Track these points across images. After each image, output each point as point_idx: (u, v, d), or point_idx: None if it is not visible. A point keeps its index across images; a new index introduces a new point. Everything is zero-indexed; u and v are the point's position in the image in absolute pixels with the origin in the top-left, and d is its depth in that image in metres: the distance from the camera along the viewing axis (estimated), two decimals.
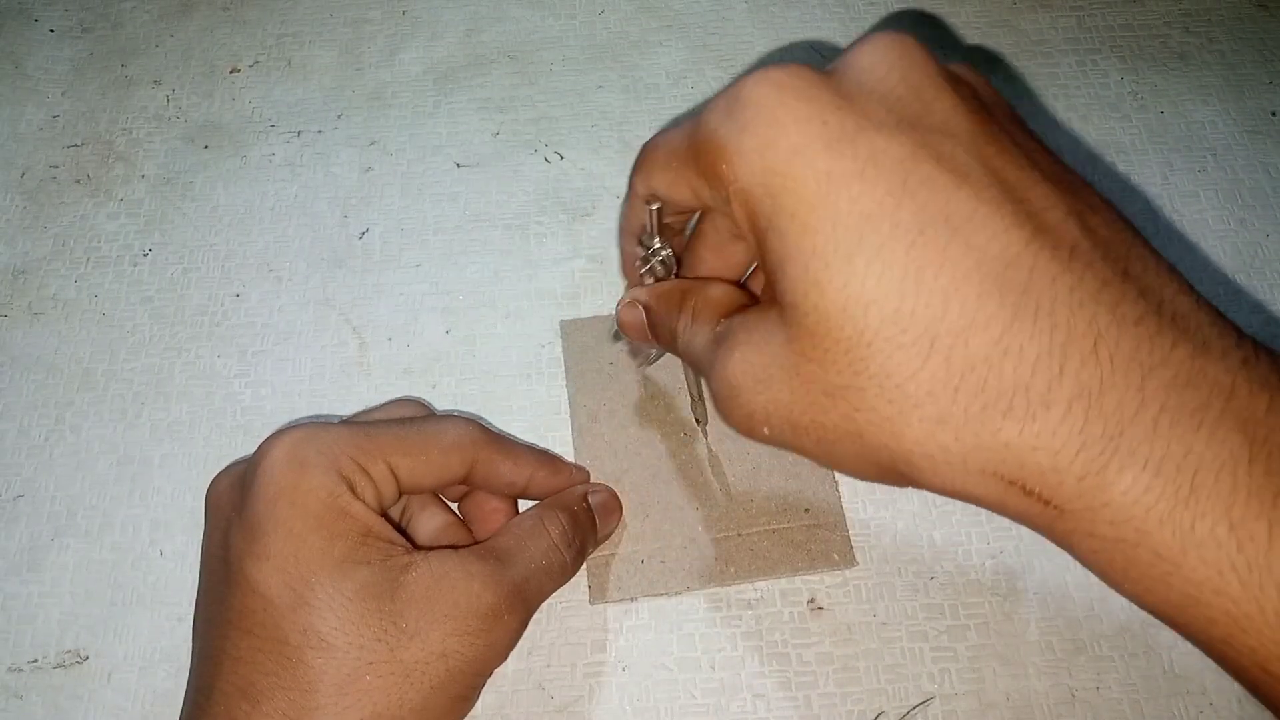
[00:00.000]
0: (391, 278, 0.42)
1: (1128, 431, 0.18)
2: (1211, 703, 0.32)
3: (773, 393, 0.22)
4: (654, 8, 0.50)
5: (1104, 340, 0.19)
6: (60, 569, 0.36)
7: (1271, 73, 0.46)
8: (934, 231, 0.20)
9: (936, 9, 0.49)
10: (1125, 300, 0.19)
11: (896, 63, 0.22)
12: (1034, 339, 0.19)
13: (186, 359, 0.40)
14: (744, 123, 0.21)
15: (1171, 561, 0.18)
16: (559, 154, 0.45)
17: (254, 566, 0.26)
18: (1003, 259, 0.19)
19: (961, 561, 0.35)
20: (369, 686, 0.26)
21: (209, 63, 0.49)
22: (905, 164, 0.20)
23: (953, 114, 0.21)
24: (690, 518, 0.35)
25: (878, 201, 0.20)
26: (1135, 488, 0.18)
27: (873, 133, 0.21)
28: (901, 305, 0.19)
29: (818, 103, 0.21)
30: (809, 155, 0.21)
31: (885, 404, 0.20)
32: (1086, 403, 0.19)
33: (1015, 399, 0.19)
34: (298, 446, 0.28)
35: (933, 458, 0.20)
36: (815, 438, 0.22)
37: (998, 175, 0.21)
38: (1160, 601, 0.19)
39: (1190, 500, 0.18)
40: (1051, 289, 0.19)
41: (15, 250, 0.43)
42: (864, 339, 0.20)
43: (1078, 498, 0.19)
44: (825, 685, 0.33)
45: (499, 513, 0.33)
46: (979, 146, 0.21)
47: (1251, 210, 0.42)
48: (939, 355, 0.19)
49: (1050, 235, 0.20)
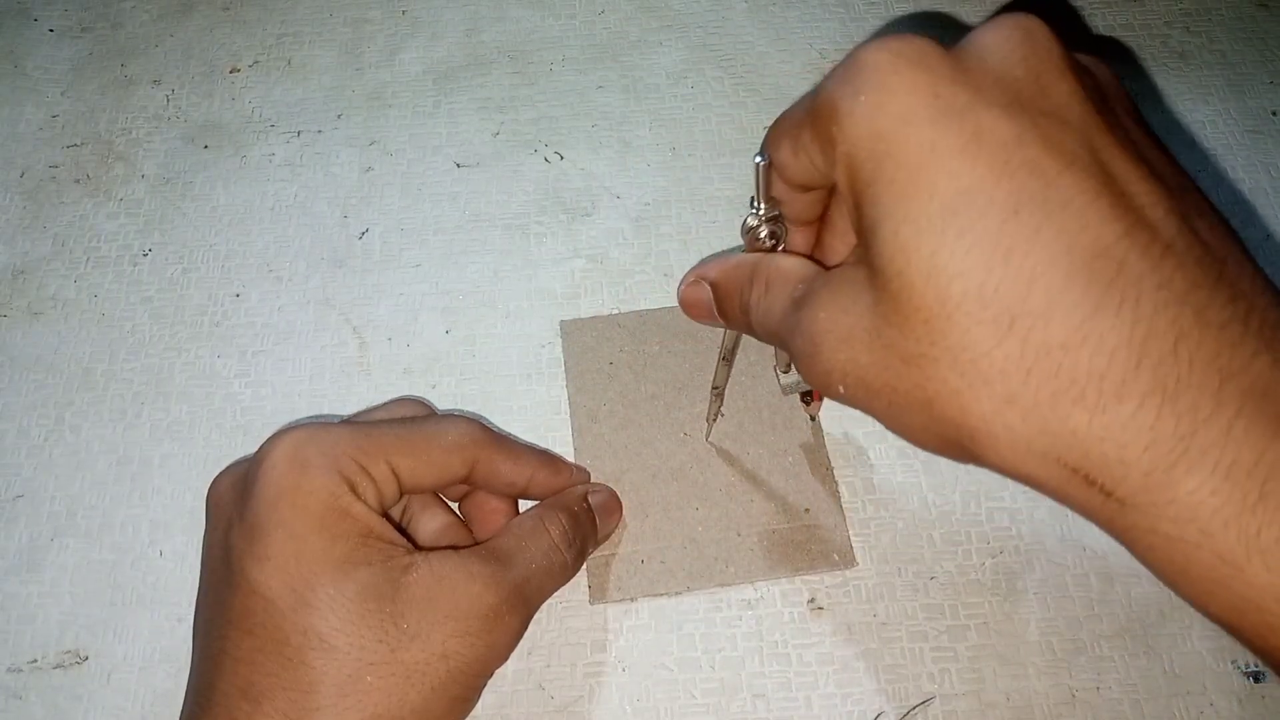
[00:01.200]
0: (391, 278, 0.42)
1: (1200, 433, 0.18)
2: (1212, 703, 0.32)
3: (852, 352, 0.22)
4: (654, 8, 0.50)
5: (1185, 340, 0.19)
6: (60, 569, 0.36)
7: (1272, 72, 0.46)
8: (1029, 213, 0.20)
9: (936, 9, 0.49)
10: (1213, 305, 0.19)
11: (1020, 45, 0.22)
12: (1114, 330, 0.19)
13: (186, 359, 0.40)
14: (858, 86, 0.21)
15: (1233, 566, 0.18)
16: (559, 154, 0.45)
17: (255, 567, 0.26)
18: (1094, 249, 0.19)
19: (961, 561, 0.35)
20: (370, 687, 0.26)
21: (209, 63, 0.49)
22: (1010, 145, 0.20)
23: (1069, 100, 0.21)
24: (690, 518, 0.35)
25: (978, 178, 0.20)
26: (1202, 489, 0.18)
27: (983, 110, 0.21)
28: (986, 281, 0.19)
29: (933, 74, 0.21)
30: (916, 124, 0.21)
31: (957, 377, 0.20)
32: (1160, 399, 0.18)
33: (1088, 388, 0.19)
34: (299, 447, 0.28)
35: (997, 436, 0.20)
36: (886, 401, 0.22)
37: (1104, 166, 0.21)
38: (1219, 605, 0.19)
39: (1258, 507, 0.18)
40: (1138, 284, 0.19)
41: (15, 250, 0.43)
42: (944, 310, 0.20)
43: (1142, 493, 0.19)
44: (825, 685, 0.33)
45: (499, 513, 0.33)
46: (1090, 135, 0.21)
47: (1251, 210, 0.42)
48: (1016, 335, 0.19)
49: (1147, 231, 0.20)
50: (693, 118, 0.46)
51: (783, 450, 0.37)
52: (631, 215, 0.43)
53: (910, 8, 0.49)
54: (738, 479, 0.36)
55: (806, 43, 0.48)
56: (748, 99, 0.46)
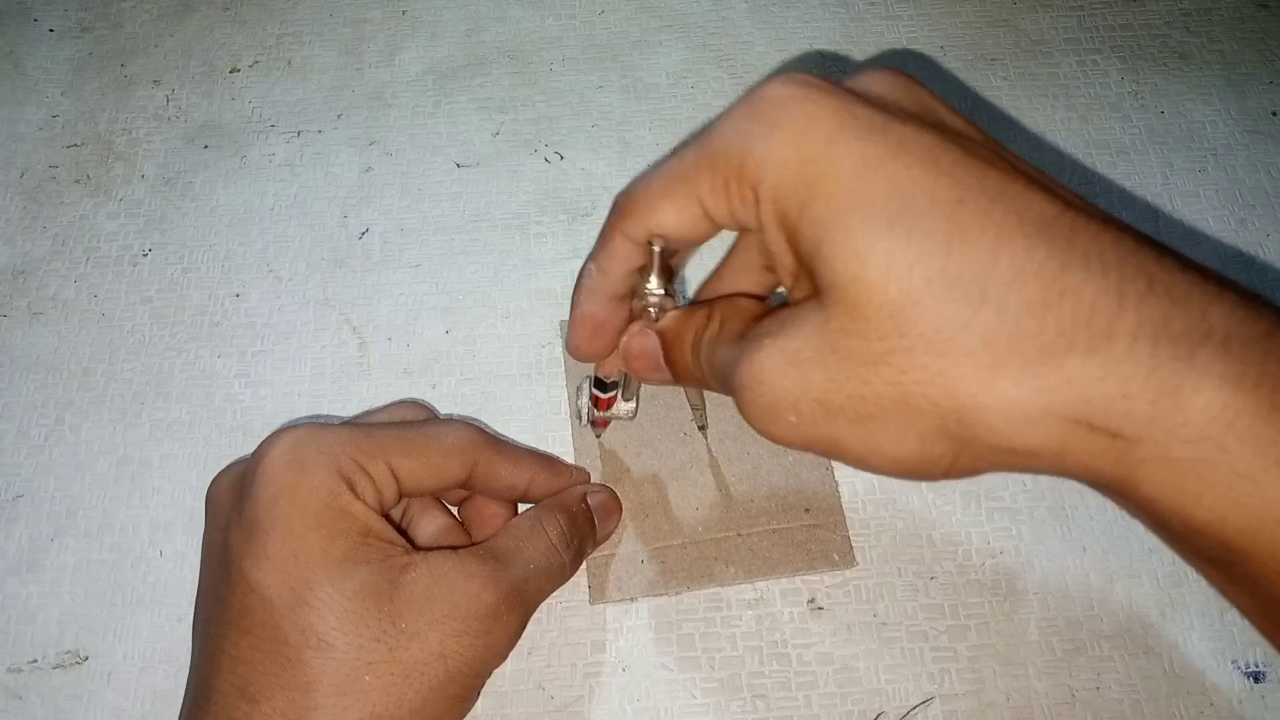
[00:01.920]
0: (391, 278, 0.42)
1: (1199, 353, 0.18)
2: (1212, 703, 0.32)
3: (804, 375, 0.22)
4: (654, 8, 0.50)
5: (1158, 280, 0.19)
6: (60, 569, 0.36)
7: (1272, 72, 0.46)
8: (972, 200, 0.20)
9: (936, 9, 0.49)
10: (1166, 255, 0.20)
11: (905, 88, 0.23)
12: (1088, 281, 0.19)
13: (186, 359, 0.40)
14: (773, 119, 0.22)
15: (1250, 478, 0.18)
16: (559, 154, 0.45)
17: (253, 566, 0.26)
18: (1043, 219, 0.20)
19: (961, 561, 0.35)
20: (368, 687, 0.26)
21: (209, 63, 0.49)
22: (935, 150, 0.21)
23: (966, 126, 0.23)
24: (690, 518, 0.35)
25: (913, 178, 0.20)
26: (1214, 404, 0.18)
27: (900, 125, 0.21)
28: (948, 262, 0.20)
29: (844, 98, 0.22)
30: (843, 140, 0.21)
31: (936, 359, 0.20)
32: (1152, 331, 0.19)
33: (1077, 334, 0.19)
34: (298, 446, 0.28)
35: (989, 408, 0.20)
36: (852, 415, 0.21)
37: (1020, 168, 0.22)
38: (1233, 526, 0.19)
39: (1271, 417, 0.18)
40: (1097, 242, 0.20)
41: (15, 250, 0.43)
42: (910, 298, 0.20)
43: (1150, 422, 0.19)
44: (825, 685, 0.33)
45: (498, 517, 0.33)
46: (996, 147, 0.22)
47: (1251, 210, 0.42)
48: (991, 304, 0.19)
49: (1082, 209, 0.21)
50: (693, 118, 0.46)
51: (783, 450, 0.37)
52: None
53: (910, 8, 0.49)
54: (738, 479, 0.36)
55: (806, 42, 0.48)
56: None
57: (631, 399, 0.34)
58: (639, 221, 0.25)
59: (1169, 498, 0.19)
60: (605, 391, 0.33)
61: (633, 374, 0.30)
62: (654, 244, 0.25)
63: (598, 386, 0.33)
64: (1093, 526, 0.35)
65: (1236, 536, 0.19)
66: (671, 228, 0.24)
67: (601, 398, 0.34)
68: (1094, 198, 0.43)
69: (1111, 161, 0.44)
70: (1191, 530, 0.19)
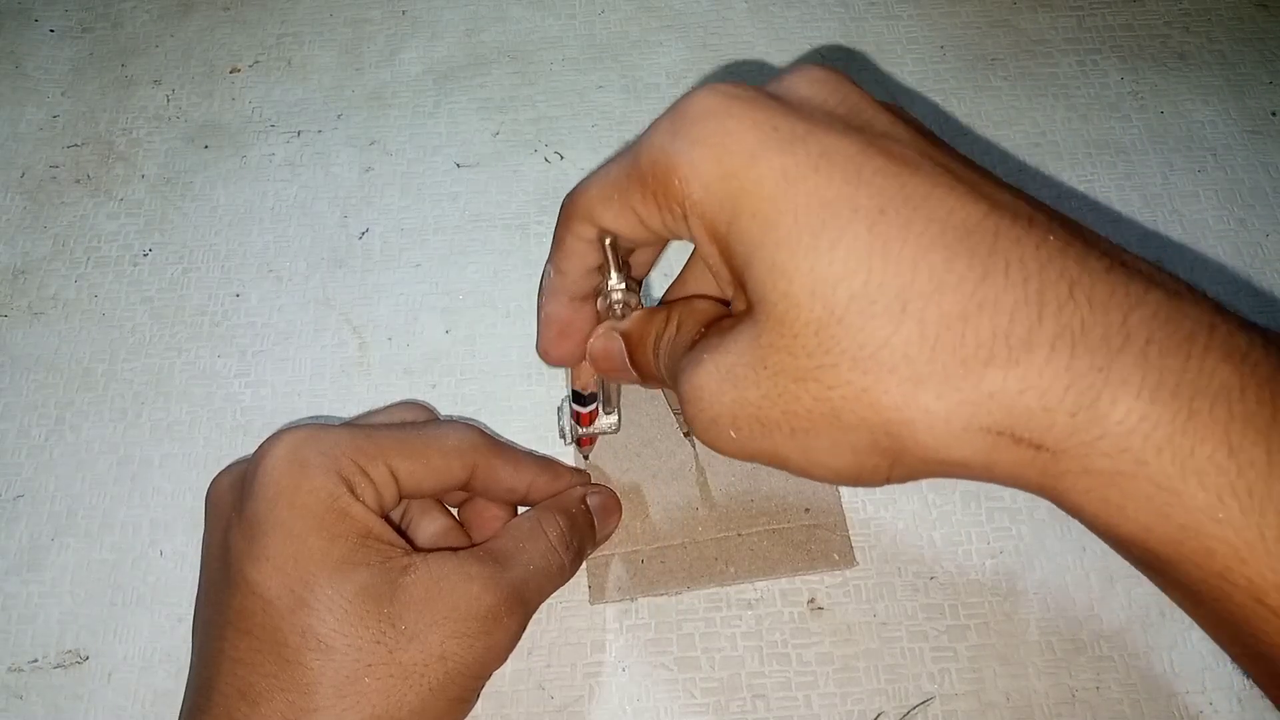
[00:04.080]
0: (391, 278, 0.42)
1: (1117, 362, 0.18)
2: (1211, 702, 0.32)
3: (739, 391, 0.22)
4: (654, 8, 0.50)
5: (1078, 286, 0.19)
6: (60, 569, 0.36)
7: (1271, 72, 0.46)
8: (894, 210, 0.20)
9: (936, 9, 0.49)
10: (1091, 255, 0.20)
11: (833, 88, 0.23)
12: (1007, 291, 0.19)
13: (186, 359, 0.40)
14: (695, 135, 0.22)
15: (1171, 490, 0.18)
16: (559, 154, 0.45)
17: (253, 567, 0.26)
18: (965, 226, 0.20)
19: (961, 561, 0.35)
20: (367, 688, 0.26)
21: (209, 63, 0.49)
22: (857, 158, 0.21)
23: (892, 125, 0.22)
24: (690, 518, 0.35)
25: (835, 190, 0.20)
26: (1131, 415, 0.18)
27: (822, 133, 0.21)
28: (870, 278, 0.20)
29: (766, 110, 0.22)
30: (764, 155, 0.21)
31: (860, 375, 0.20)
32: (1071, 340, 0.19)
33: (996, 347, 0.19)
34: (298, 447, 0.28)
35: (914, 422, 0.20)
36: (787, 430, 0.21)
37: (945, 166, 0.21)
38: (1157, 537, 0.19)
39: (1188, 426, 0.18)
40: (1018, 247, 0.19)
41: (15, 250, 0.43)
42: (834, 315, 0.20)
43: (1071, 435, 0.19)
44: (825, 685, 0.33)
45: (498, 520, 0.33)
46: (922, 146, 0.22)
47: (1251, 210, 0.42)
48: (911, 318, 0.19)
49: (1007, 209, 0.20)
50: None
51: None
52: None
53: (911, 8, 0.49)
54: (738, 479, 0.36)
55: (806, 43, 0.48)
56: None
57: (613, 412, 0.34)
58: (585, 223, 0.25)
59: (1094, 508, 0.19)
60: (585, 406, 0.33)
61: (601, 375, 0.30)
62: (605, 239, 0.25)
63: (577, 401, 0.33)
64: None
65: (1162, 546, 0.19)
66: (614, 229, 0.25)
67: (583, 413, 0.33)
68: (1094, 198, 0.43)
69: (1111, 161, 0.44)
70: (1119, 540, 0.19)
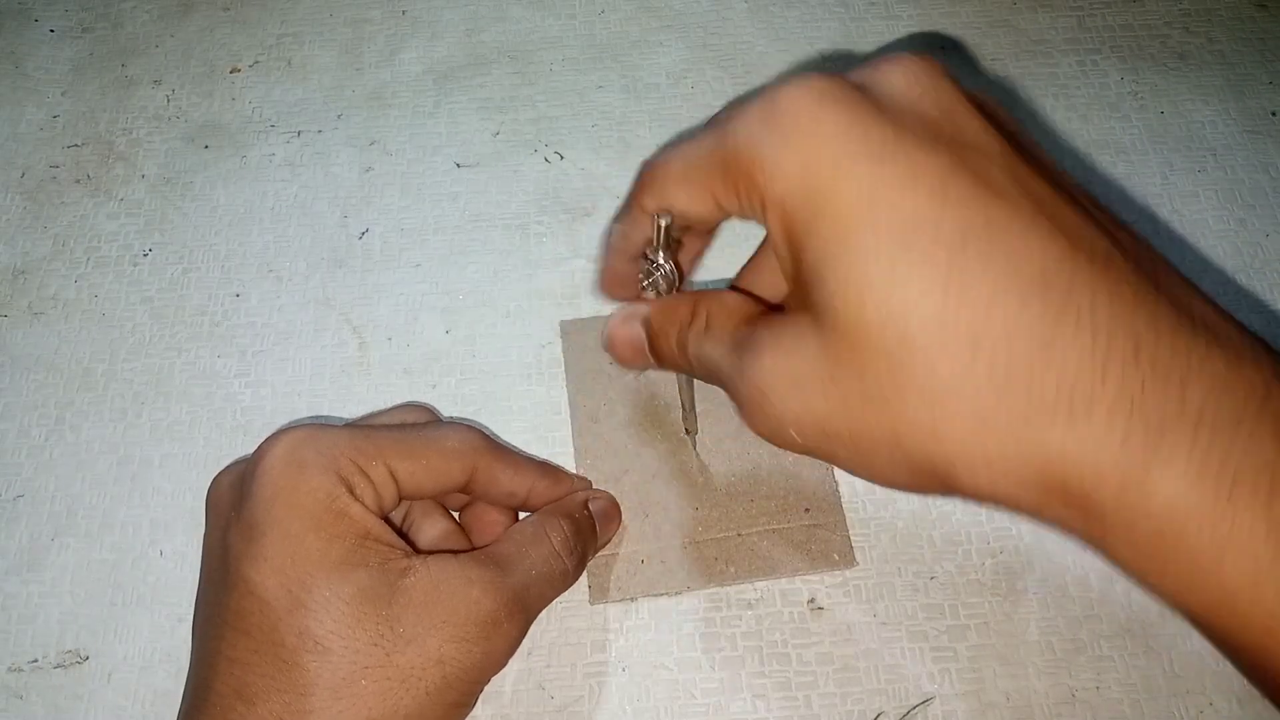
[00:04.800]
0: (391, 278, 0.42)
1: (1169, 435, 0.19)
2: (1211, 703, 0.32)
3: (805, 399, 0.22)
4: (654, 8, 0.50)
5: (1144, 347, 0.19)
6: (60, 569, 0.36)
7: (1271, 73, 0.46)
8: (975, 241, 0.20)
9: (936, 9, 0.49)
10: (1160, 310, 0.20)
11: (927, 85, 0.22)
12: (1076, 344, 0.19)
13: (186, 359, 0.40)
14: (784, 132, 0.21)
15: (1209, 564, 0.18)
16: (559, 154, 0.45)
17: (251, 567, 0.26)
18: (1043, 269, 0.20)
19: (961, 561, 0.35)
20: (364, 691, 0.26)
21: (209, 63, 0.49)
22: (944, 178, 0.20)
23: (984, 135, 0.22)
24: (690, 518, 0.35)
25: (919, 212, 0.20)
26: (1175, 490, 0.18)
27: (912, 147, 0.21)
28: (944, 312, 0.20)
29: (858, 113, 0.21)
30: (851, 166, 0.21)
31: (926, 409, 0.20)
32: (1129, 406, 0.19)
33: (1059, 403, 0.19)
34: (297, 447, 0.28)
35: (973, 465, 0.20)
36: (849, 445, 0.22)
37: (1031, 192, 0.21)
38: (1196, 604, 0.19)
39: (1230, 503, 0.18)
40: (1092, 299, 0.19)
41: (15, 250, 0.43)
42: (905, 345, 0.20)
43: (1118, 502, 0.19)
44: (825, 685, 0.33)
45: (499, 525, 0.33)
46: (1011, 165, 0.21)
47: (1251, 210, 0.42)
48: (982, 360, 0.19)
49: (1085, 248, 0.20)
50: (693, 118, 0.46)
51: (782, 450, 0.36)
52: None
53: (911, 8, 0.49)
54: (738, 479, 0.36)
55: (806, 43, 0.48)
56: None
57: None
58: (655, 198, 0.25)
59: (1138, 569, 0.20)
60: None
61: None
62: (659, 219, 0.25)
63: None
64: None
65: (1203, 611, 0.19)
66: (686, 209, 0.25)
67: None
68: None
69: (1111, 161, 0.44)
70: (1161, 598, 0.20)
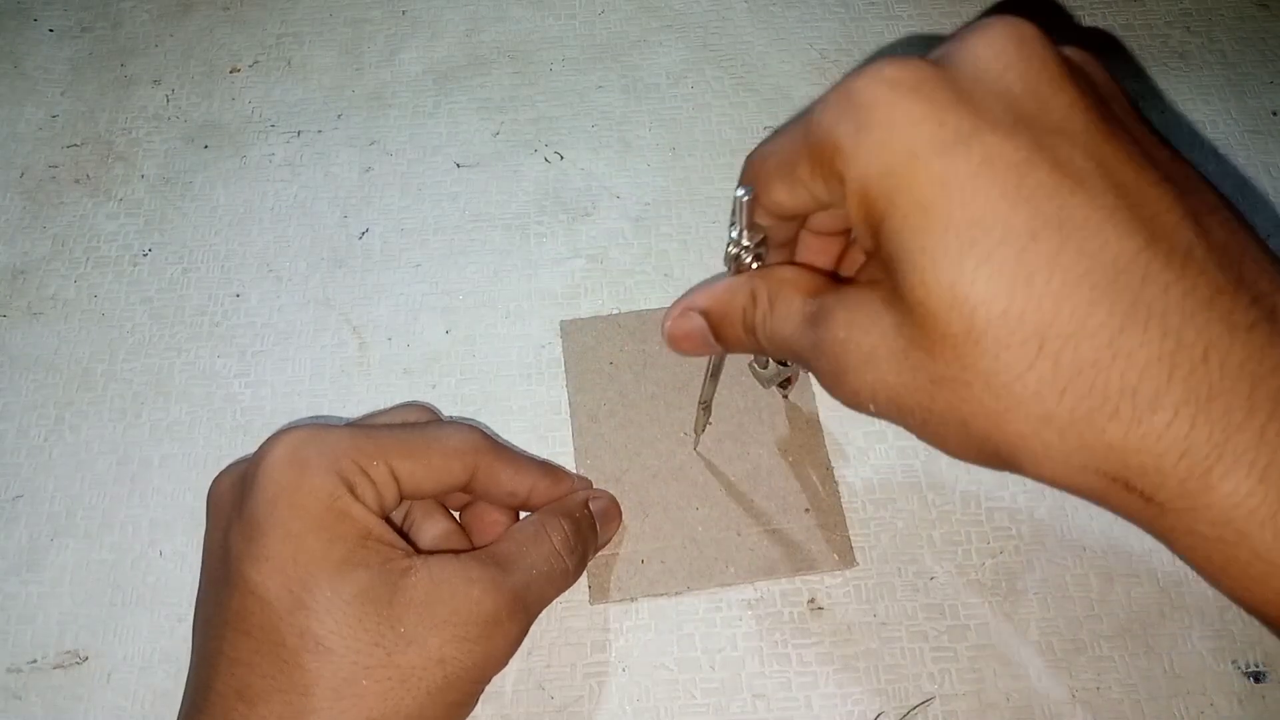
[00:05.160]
0: (391, 278, 0.42)
1: (1234, 438, 0.19)
2: (1212, 703, 0.32)
3: (879, 373, 0.22)
4: (654, 8, 0.50)
5: (1215, 348, 0.19)
6: (60, 569, 0.36)
7: (1272, 72, 0.46)
8: (1046, 237, 0.20)
9: (936, 9, 0.49)
10: (1237, 308, 0.20)
11: (1014, 56, 0.22)
12: (1143, 346, 0.19)
13: (186, 359, 0.40)
14: (859, 122, 0.21)
15: (1270, 562, 0.19)
16: (559, 154, 0.45)
17: (252, 567, 0.26)
18: (1115, 265, 0.20)
19: (961, 561, 0.35)
20: (365, 691, 0.26)
21: (209, 63, 0.49)
22: (1020, 167, 0.20)
23: (1070, 111, 0.21)
24: (690, 518, 0.35)
25: (991, 206, 0.20)
26: (1238, 492, 0.19)
27: (988, 133, 0.21)
28: (1010, 307, 0.20)
29: (933, 101, 0.21)
30: (924, 157, 0.21)
31: (991, 399, 0.20)
32: (1194, 409, 0.19)
33: (1122, 403, 0.19)
34: (298, 447, 0.28)
35: (1036, 453, 0.20)
36: (920, 419, 0.22)
37: (1114, 178, 0.21)
38: (1257, 599, 0.20)
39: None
40: (1164, 297, 0.19)
41: (15, 250, 0.43)
42: (971, 337, 0.20)
43: (1180, 498, 0.19)
44: (825, 685, 0.33)
45: (500, 525, 0.33)
46: (1096, 146, 0.21)
47: (1251, 210, 0.42)
48: (1047, 357, 0.20)
49: (1165, 241, 0.20)
50: (693, 118, 0.46)
51: (783, 450, 0.37)
52: (631, 215, 0.43)
53: (910, 8, 0.49)
54: (738, 479, 0.36)
55: (806, 43, 0.48)
56: (748, 99, 0.46)
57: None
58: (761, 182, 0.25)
59: (1199, 563, 0.20)
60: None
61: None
62: (740, 194, 0.25)
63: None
64: (1092, 526, 0.35)
65: (1264, 607, 0.20)
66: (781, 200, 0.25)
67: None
68: None
69: None
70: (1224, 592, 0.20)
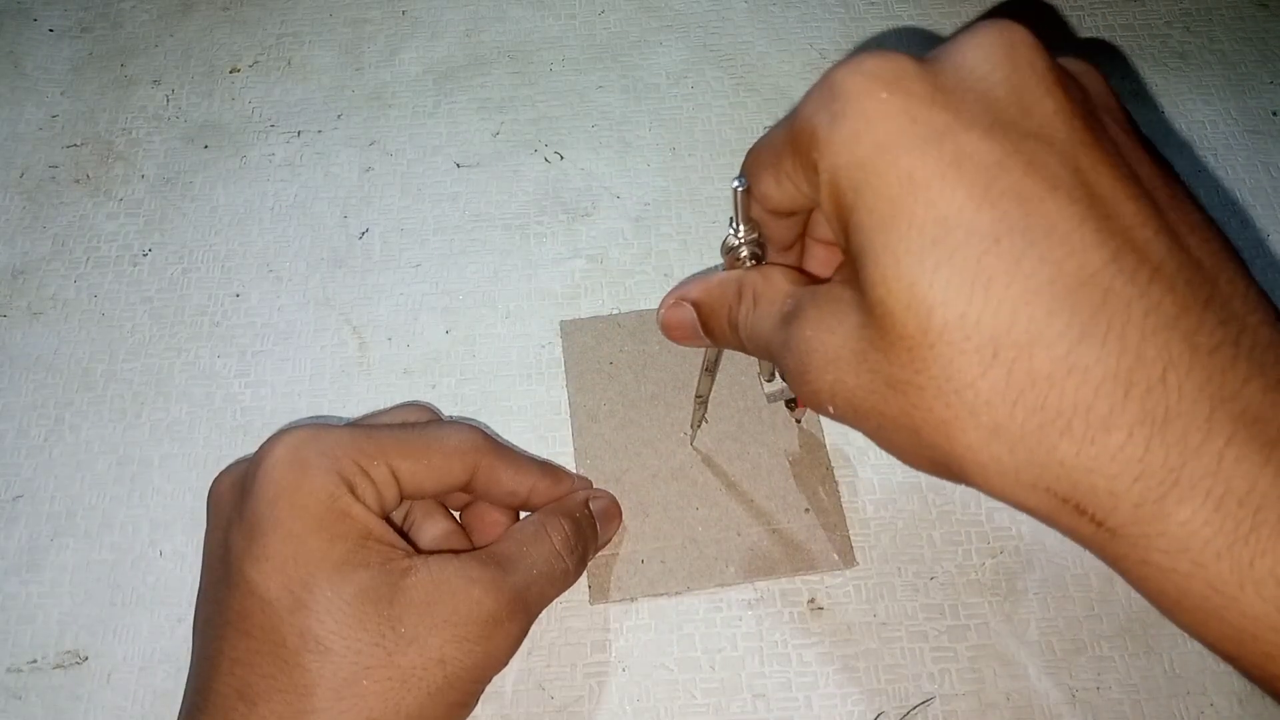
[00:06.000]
0: (391, 278, 0.42)
1: (1190, 464, 0.18)
2: (1212, 703, 0.32)
3: (839, 373, 0.22)
4: (654, 8, 0.50)
5: (1174, 368, 0.18)
6: (60, 569, 0.36)
7: (1272, 72, 0.46)
8: (1010, 242, 0.19)
9: (936, 9, 0.49)
10: (1203, 329, 0.19)
11: (1002, 59, 0.21)
12: (1100, 361, 0.18)
13: (186, 359, 0.40)
14: (834, 112, 0.21)
15: (1227, 596, 0.18)
16: (559, 154, 0.45)
17: (253, 567, 0.26)
18: (1078, 276, 0.19)
19: (961, 561, 0.35)
20: (365, 691, 0.26)
21: (209, 63, 0.49)
22: (992, 169, 0.20)
23: (1053, 118, 0.21)
24: (690, 518, 0.35)
25: (958, 206, 0.20)
26: (1194, 520, 0.18)
27: (962, 133, 0.20)
28: (967, 311, 0.19)
29: (910, 97, 0.21)
30: (893, 152, 0.20)
31: (942, 406, 0.20)
32: (1149, 430, 0.18)
33: (1075, 419, 0.19)
34: (299, 447, 0.28)
35: (985, 466, 0.20)
36: (874, 424, 0.22)
37: (1089, 188, 0.20)
38: (1214, 634, 0.19)
39: (1251, 537, 0.18)
40: (1125, 311, 0.19)
41: (15, 250, 0.43)
42: (926, 340, 0.20)
43: (1132, 524, 0.18)
44: (825, 685, 0.33)
45: (500, 525, 0.33)
46: (1075, 155, 0.20)
47: (1251, 210, 0.42)
48: (1000, 366, 0.19)
49: (1134, 255, 0.19)
50: (693, 118, 0.46)
51: (783, 450, 0.37)
52: (631, 215, 0.43)
53: (911, 8, 0.49)
54: (738, 479, 0.36)
55: (806, 43, 0.48)
56: (748, 99, 0.46)
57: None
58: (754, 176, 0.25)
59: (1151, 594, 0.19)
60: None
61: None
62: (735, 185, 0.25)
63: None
64: None
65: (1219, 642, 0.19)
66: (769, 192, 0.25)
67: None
68: None
69: None
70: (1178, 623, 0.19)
